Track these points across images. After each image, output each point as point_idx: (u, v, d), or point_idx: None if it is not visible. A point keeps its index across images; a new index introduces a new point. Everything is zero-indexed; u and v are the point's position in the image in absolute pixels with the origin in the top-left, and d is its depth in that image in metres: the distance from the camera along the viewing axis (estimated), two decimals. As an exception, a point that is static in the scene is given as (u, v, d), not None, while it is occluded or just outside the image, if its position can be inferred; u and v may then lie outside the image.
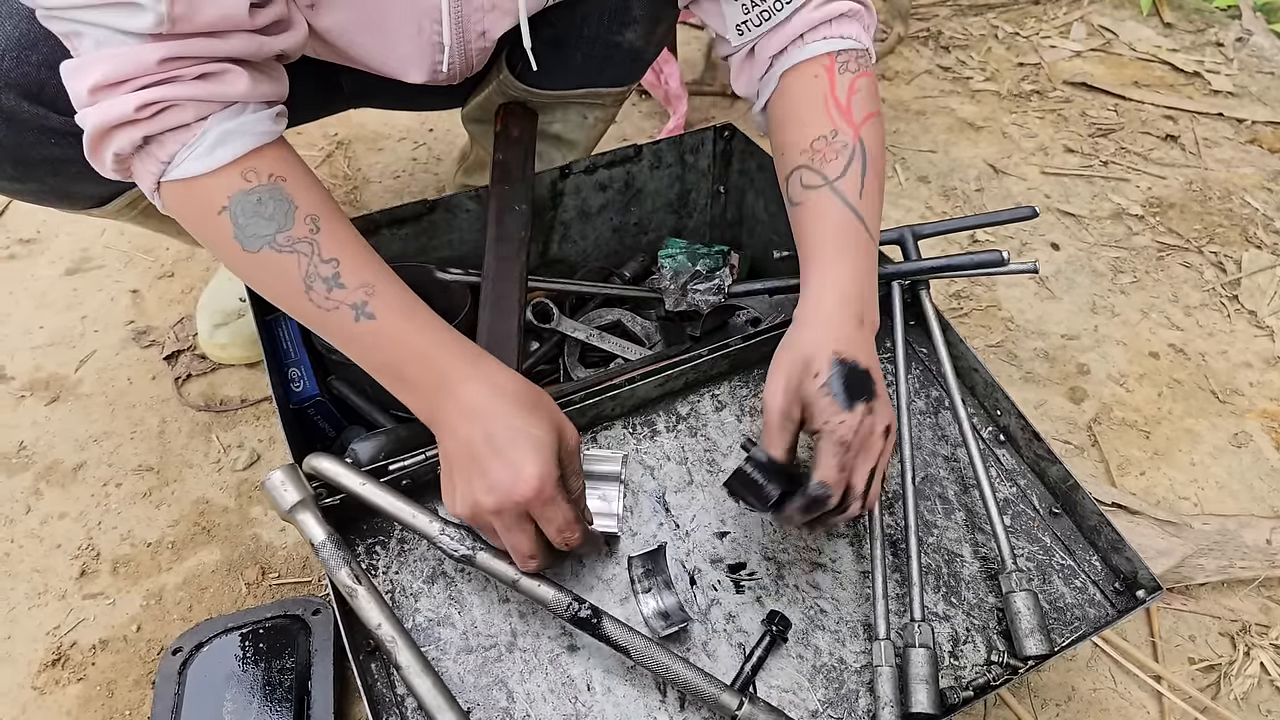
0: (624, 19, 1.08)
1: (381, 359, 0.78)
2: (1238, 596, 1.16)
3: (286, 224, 0.74)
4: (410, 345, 0.78)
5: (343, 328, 0.77)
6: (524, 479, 0.72)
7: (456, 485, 0.76)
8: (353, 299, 0.76)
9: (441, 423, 0.77)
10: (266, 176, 0.74)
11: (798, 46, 0.93)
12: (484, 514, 0.75)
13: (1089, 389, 1.41)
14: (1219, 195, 1.83)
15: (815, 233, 0.88)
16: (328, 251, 0.75)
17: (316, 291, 0.75)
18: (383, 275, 0.78)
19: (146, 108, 0.69)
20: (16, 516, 1.19)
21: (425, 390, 0.78)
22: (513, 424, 0.75)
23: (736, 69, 1.01)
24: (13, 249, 1.61)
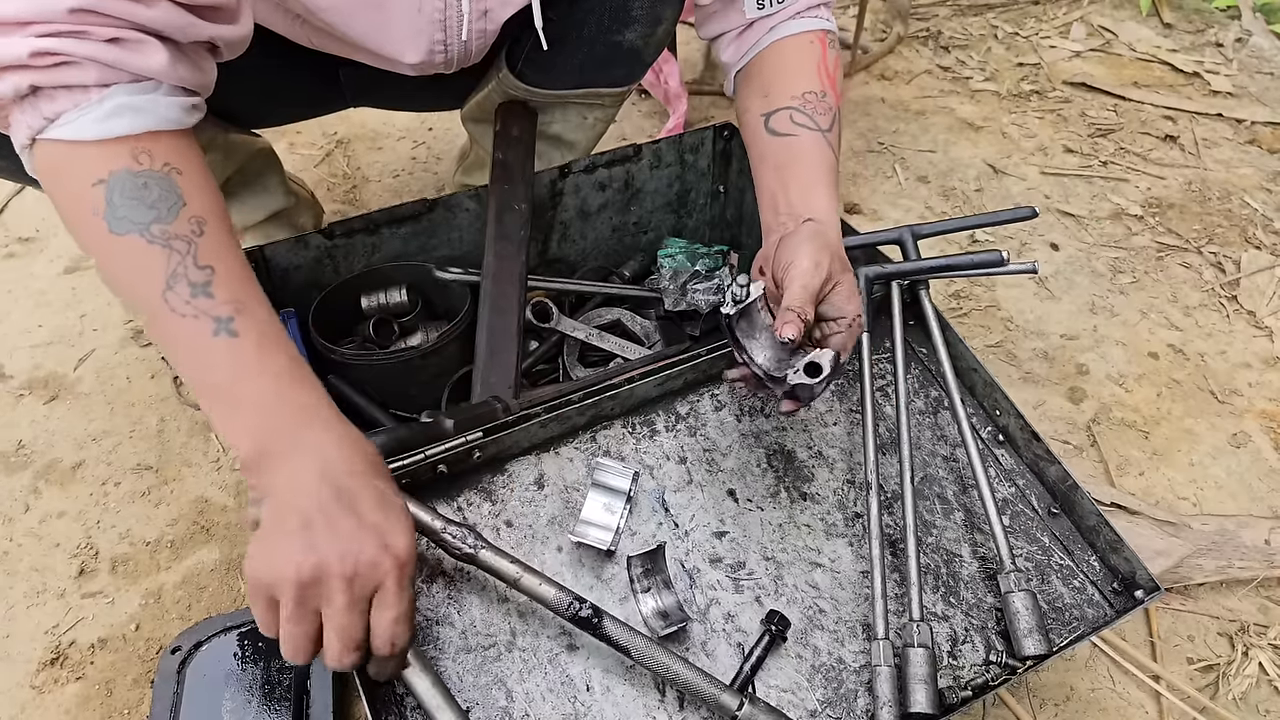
0: (624, 19, 1.08)
1: (224, 379, 0.69)
2: (1236, 596, 1.16)
3: (168, 218, 0.68)
4: (269, 376, 0.69)
5: (195, 338, 0.68)
6: (394, 547, 0.64)
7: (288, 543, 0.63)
8: (219, 311, 0.68)
9: (280, 469, 0.67)
10: (161, 164, 0.68)
11: (796, 20, 1.04)
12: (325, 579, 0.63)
13: (1088, 389, 1.41)
14: (1218, 196, 1.83)
15: (814, 164, 0.96)
16: (204, 258, 0.68)
17: (177, 294, 0.67)
18: (257, 299, 0.71)
19: (43, 56, 0.64)
20: (15, 515, 1.19)
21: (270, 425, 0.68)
22: (379, 489, 0.68)
23: (728, 40, 1.09)
24: (11, 247, 1.61)
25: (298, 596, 0.63)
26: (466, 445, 0.91)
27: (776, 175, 0.97)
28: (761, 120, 1.00)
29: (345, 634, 0.64)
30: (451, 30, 1.00)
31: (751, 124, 1.03)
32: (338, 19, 0.94)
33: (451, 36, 1.01)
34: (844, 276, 0.85)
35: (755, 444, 1.00)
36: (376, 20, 0.96)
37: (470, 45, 1.04)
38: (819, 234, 0.87)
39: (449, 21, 0.99)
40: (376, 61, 1.04)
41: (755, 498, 0.96)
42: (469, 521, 0.90)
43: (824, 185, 0.95)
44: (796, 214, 0.92)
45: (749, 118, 1.04)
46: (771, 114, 1.00)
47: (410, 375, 1.13)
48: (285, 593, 0.63)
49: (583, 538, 0.87)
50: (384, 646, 0.66)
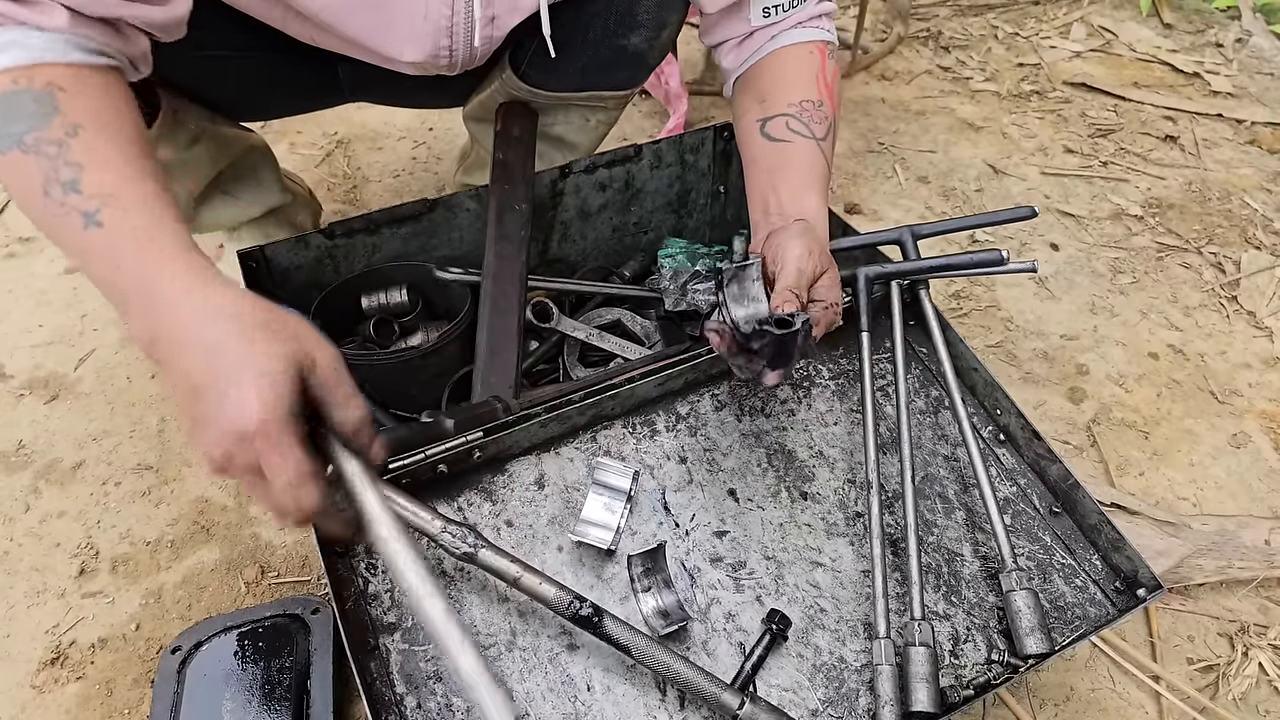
0: (629, 23, 1.08)
1: (104, 275, 0.68)
2: (1236, 597, 1.16)
3: (39, 125, 0.68)
4: (133, 258, 0.67)
5: (71, 237, 0.68)
6: (240, 417, 0.60)
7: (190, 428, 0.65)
8: (86, 206, 0.67)
9: (161, 351, 0.66)
10: (42, 83, 0.69)
11: (797, 29, 1.05)
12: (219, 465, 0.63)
13: (1088, 389, 1.41)
14: (1218, 196, 1.83)
15: (806, 170, 0.98)
16: (74, 156, 0.68)
17: (52, 196, 0.68)
18: (132, 190, 0.69)
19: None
20: (16, 515, 1.19)
21: (143, 313, 0.67)
22: (231, 349, 0.63)
23: (730, 47, 1.10)
24: (12, 247, 1.61)
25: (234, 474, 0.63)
26: (467, 445, 0.91)
27: (768, 178, 0.99)
28: (757, 125, 1.01)
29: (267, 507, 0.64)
30: (458, 36, 1.00)
31: (747, 128, 1.04)
32: (337, 20, 0.94)
33: (458, 42, 1.01)
34: (830, 269, 0.89)
35: (756, 444, 1.00)
36: (379, 23, 0.96)
37: (476, 51, 1.04)
38: (809, 230, 0.89)
39: (455, 28, 0.99)
40: (377, 60, 1.04)
41: (756, 497, 0.96)
42: (469, 521, 0.90)
43: (815, 191, 0.96)
44: (786, 214, 0.94)
45: (745, 122, 1.05)
46: (768, 120, 1.01)
47: (411, 375, 1.13)
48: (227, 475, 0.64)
49: (583, 537, 0.87)
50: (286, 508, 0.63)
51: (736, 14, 1.06)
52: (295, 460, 0.62)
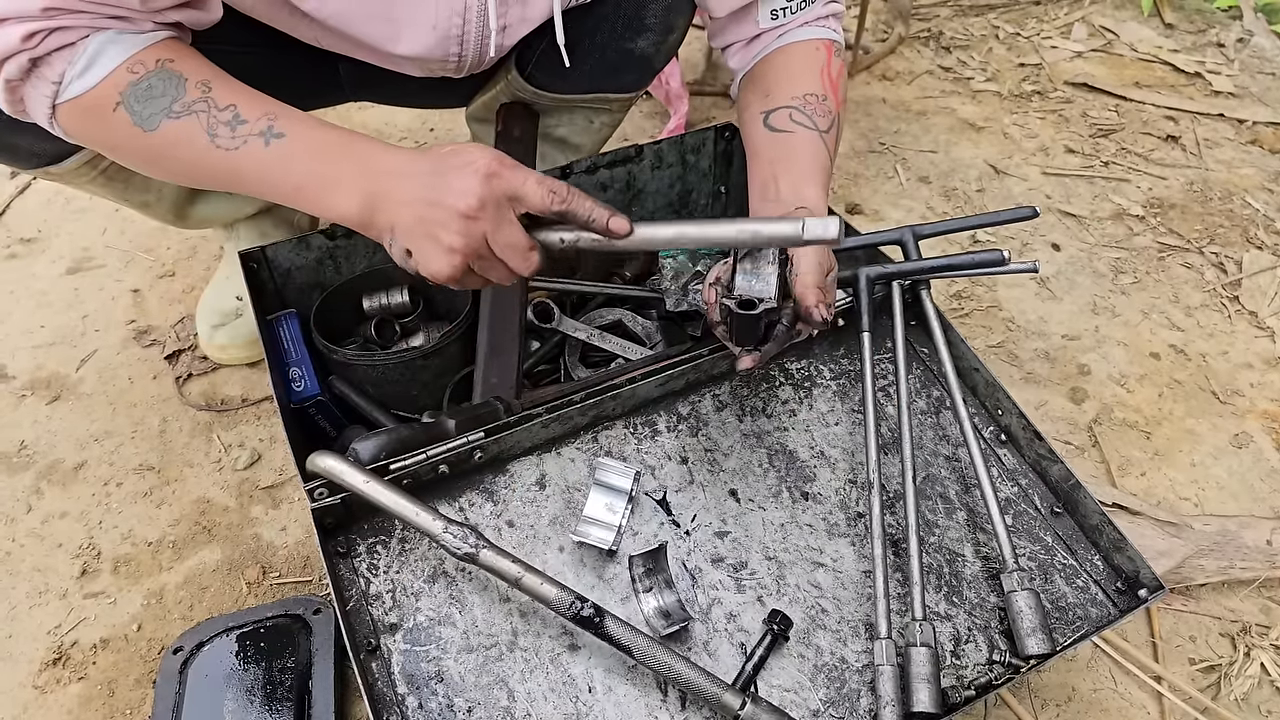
0: (637, 27, 1.08)
1: (300, 173, 0.78)
2: (1238, 597, 1.16)
3: (180, 93, 0.76)
4: (327, 142, 0.78)
5: (257, 160, 0.77)
6: (480, 162, 0.73)
7: (432, 233, 0.75)
8: (259, 127, 0.77)
9: (383, 203, 0.76)
10: (154, 63, 0.76)
11: (803, 28, 1.06)
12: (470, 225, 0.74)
13: (1090, 389, 1.41)
14: (1220, 196, 1.83)
15: (808, 160, 0.98)
16: (223, 100, 0.77)
17: (222, 137, 0.76)
18: (280, 106, 0.79)
19: (32, 37, 0.72)
20: (18, 515, 1.19)
21: (355, 180, 0.77)
22: (447, 150, 0.76)
23: (737, 48, 1.11)
24: (14, 248, 1.61)
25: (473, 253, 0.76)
26: (468, 446, 0.91)
27: (770, 168, 0.98)
28: (760, 117, 1.02)
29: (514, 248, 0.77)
30: (468, 44, 1.01)
31: (750, 121, 1.04)
32: (347, 27, 0.94)
33: (468, 49, 1.01)
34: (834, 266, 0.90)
35: (757, 444, 1.00)
36: (388, 31, 0.96)
37: (486, 57, 1.05)
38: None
39: (466, 37, 0.99)
40: (383, 62, 1.05)
41: (757, 497, 0.96)
42: (471, 522, 0.90)
43: (816, 181, 0.96)
44: (786, 204, 0.94)
45: (749, 114, 1.05)
46: (771, 112, 1.01)
47: (412, 376, 1.13)
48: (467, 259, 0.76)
49: (584, 537, 0.87)
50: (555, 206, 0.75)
51: (745, 17, 1.06)
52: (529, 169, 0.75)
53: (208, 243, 1.60)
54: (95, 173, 1.07)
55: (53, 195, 1.72)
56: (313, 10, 0.92)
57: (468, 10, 0.96)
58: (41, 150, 1.00)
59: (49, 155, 1.01)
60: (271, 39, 1.01)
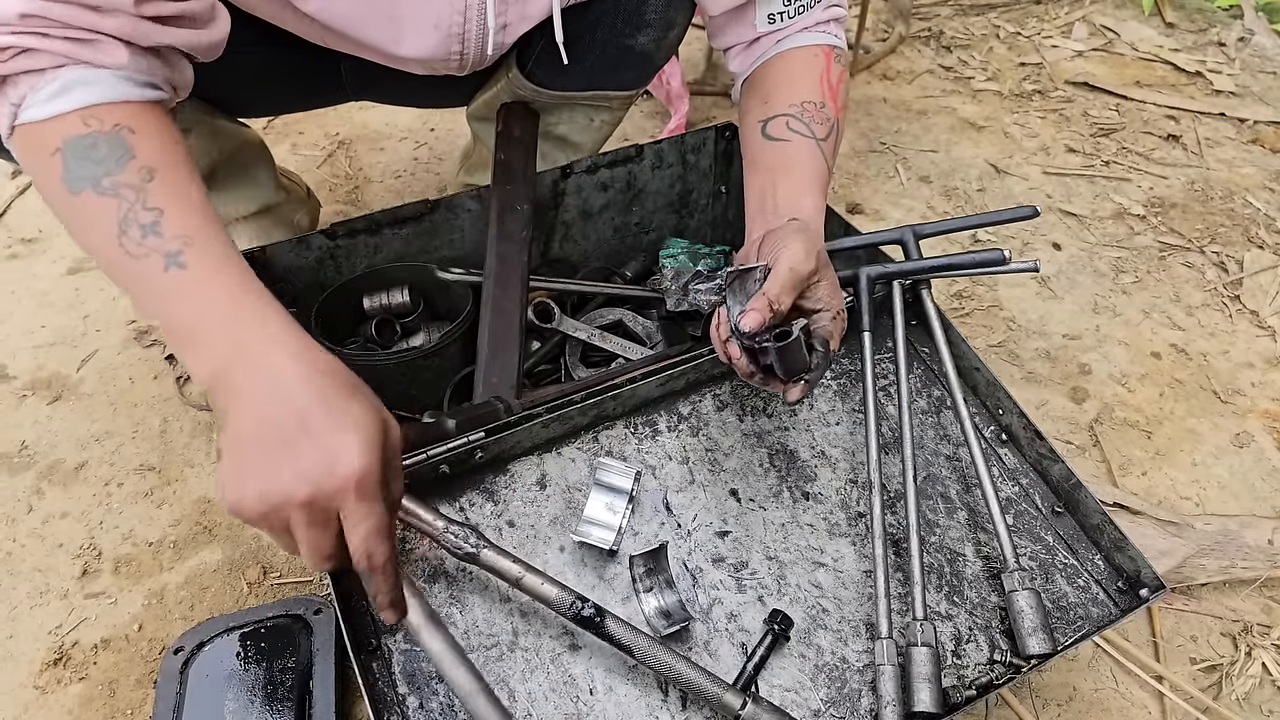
0: (637, 23, 1.08)
1: (179, 314, 0.69)
2: (1239, 597, 1.16)
3: (115, 169, 0.69)
4: (219, 300, 0.69)
5: (149, 278, 0.69)
6: (344, 465, 0.62)
7: (250, 470, 0.64)
8: (167, 247, 0.68)
9: (238, 393, 0.66)
10: (111, 125, 0.70)
11: (804, 34, 1.05)
12: (286, 507, 0.63)
13: (1091, 389, 1.41)
14: (1221, 195, 1.83)
15: (804, 169, 0.97)
16: (153, 201, 0.70)
17: (130, 238, 0.69)
18: (210, 234, 0.71)
19: (3, 51, 0.68)
20: (18, 516, 1.19)
21: (220, 351, 0.67)
22: (333, 403, 0.64)
23: (737, 51, 1.09)
24: (15, 248, 1.61)
25: (263, 525, 0.65)
26: (469, 445, 0.91)
27: (767, 177, 0.98)
28: (758, 126, 1.01)
29: (316, 549, 0.65)
30: (469, 42, 1.01)
31: (748, 129, 1.03)
32: (351, 28, 0.94)
33: (469, 47, 1.01)
34: (826, 272, 0.85)
35: (758, 444, 1.00)
36: (391, 32, 0.96)
37: (486, 55, 1.05)
38: (804, 229, 0.87)
39: (468, 35, 0.99)
40: (386, 61, 1.05)
41: (758, 497, 0.96)
42: (471, 521, 0.90)
43: (812, 191, 0.95)
44: (781, 214, 0.93)
45: (747, 123, 1.04)
46: (769, 120, 1.00)
47: (412, 376, 1.13)
48: (254, 523, 0.65)
49: (585, 537, 0.87)
50: (360, 560, 0.66)
51: (741, 18, 1.06)
52: (379, 516, 0.64)
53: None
54: None
55: (53, 195, 1.71)
56: (315, 12, 0.92)
57: (468, 9, 0.96)
58: None
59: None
60: (274, 38, 1.01)
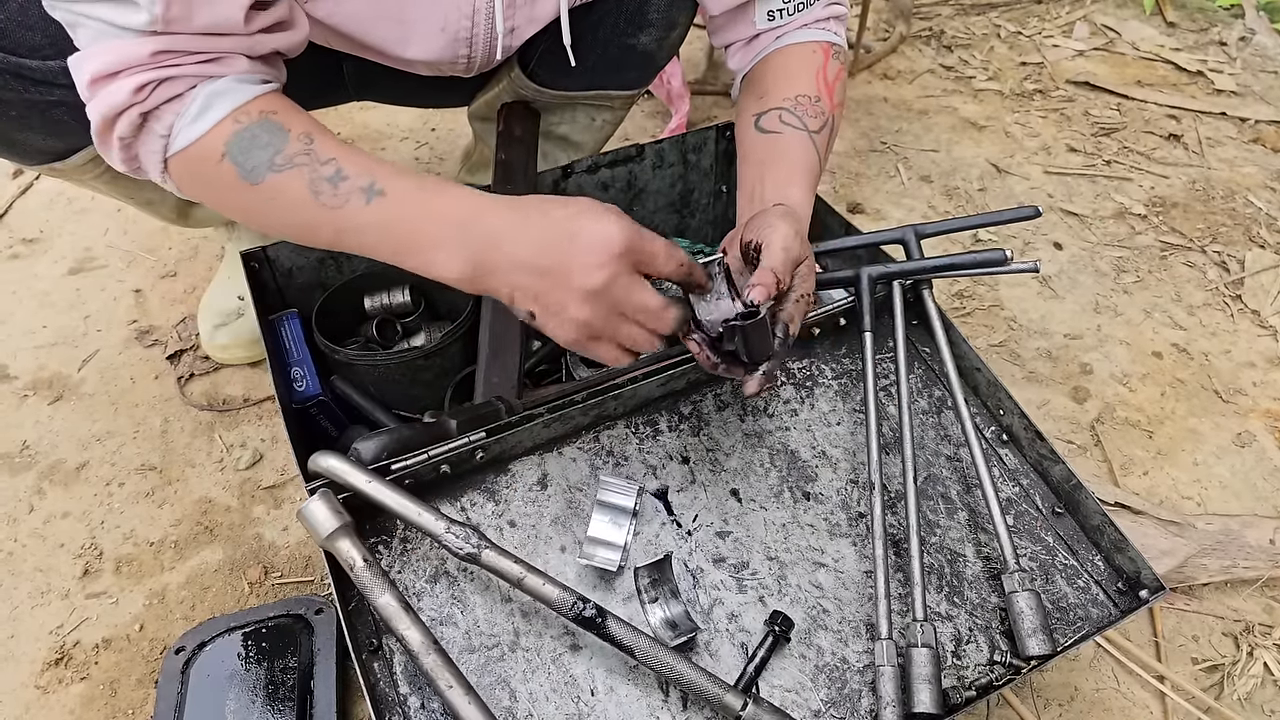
0: (640, 22, 1.08)
1: (407, 234, 0.76)
2: (1241, 596, 1.16)
3: (283, 145, 0.75)
4: (429, 200, 0.75)
5: (359, 217, 0.76)
6: (613, 232, 0.70)
7: (557, 303, 0.72)
8: (360, 183, 0.75)
9: (496, 266, 0.73)
10: (256, 114, 0.76)
11: (803, 30, 1.05)
12: (601, 299, 0.71)
13: (1092, 389, 1.41)
14: (1222, 195, 1.83)
15: (794, 161, 0.97)
16: (325, 154, 0.76)
17: (324, 194, 0.75)
18: (381, 161, 0.78)
19: (142, 89, 0.72)
20: (20, 516, 1.19)
21: (467, 245, 0.74)
22: (562, 211, 0.72)
23: (737, 49, 1.10)
24: (16, 248, 1.61)
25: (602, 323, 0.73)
26: (469, 446, 0.91)
27: (757, 169, 0.98)
28: (752, 119, 1.02)
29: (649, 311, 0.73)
30: (477, 45, 1.01)
31: (743, 123, 1.04)
32: (358, 30, 0.94)
33: (476, 51, 1.01)
34: (808, 257, 0.86)
35: (758, 444, 1.00)
36: (398, 34, 0.96)
37: (494, 58, 1.05)
38: (791, 213, 0.87)
39: (475, 39, 1.00)
40: (392, 63, 1.05)
41: (759, 497, 0.96)
42: (472, 522, 0.90)
43: (800, 182, 0.95)
44: (769, 202, 0.93)
45: (743, 118, 1.05)
46: (762, 114, 1.01)
47: (413, 376, 1.13)
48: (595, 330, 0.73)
49: (590, 559, 0.86)
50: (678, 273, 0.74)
51: (741, 16, 1.06)
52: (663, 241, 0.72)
53: (209, 243, 1.61)
54: (100, 170, 1.07)
55: (55, 195, 1.72)
56: (325, 16, 0.92)
57: (476, 13, 0.96)
58: (49, 147, 1.00)
59: (56, 152, 1.01)
60: None
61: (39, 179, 1.74)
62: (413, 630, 0.77)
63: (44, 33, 0.85)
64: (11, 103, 0.89)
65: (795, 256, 0.82)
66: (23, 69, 0.86)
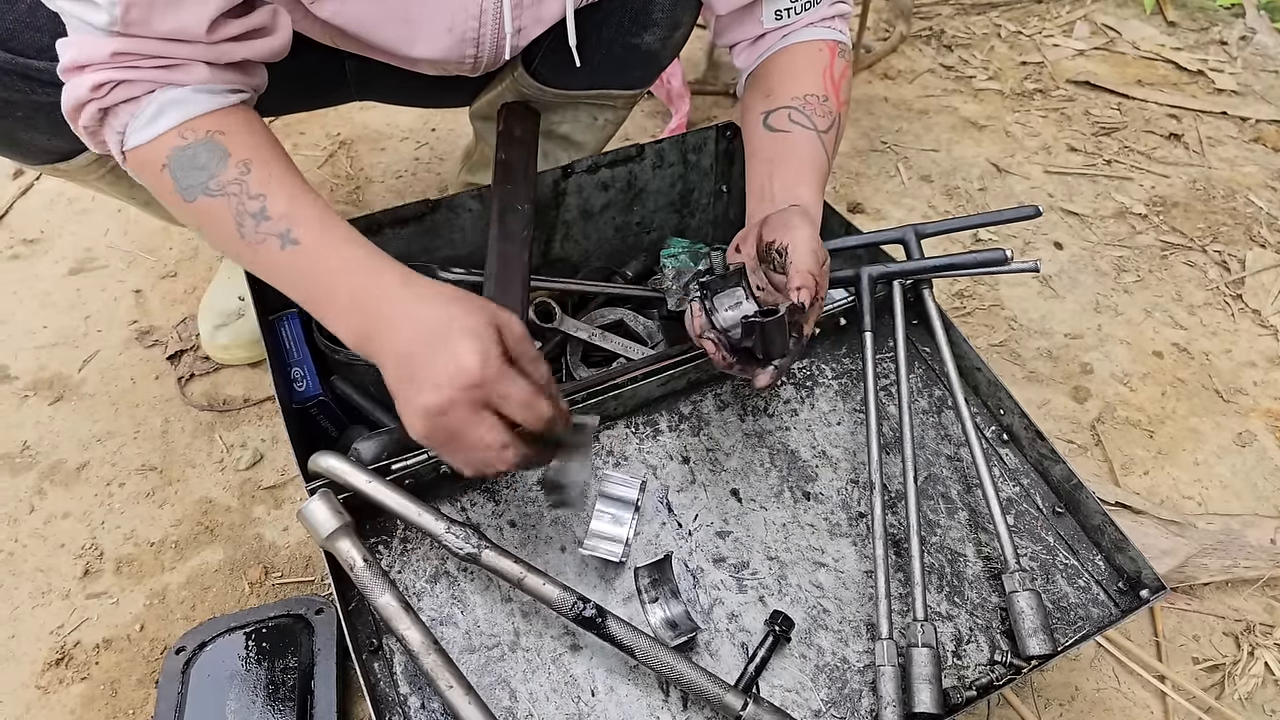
0: (644, 22, 1.08)
1: (311, 287, 0.78)
2: (1242, 596, 1.16)
3: (218, 170, 0.76)
4: (335, 268, 0.76)
5: (273, 260, 0.77)
6: (463, 361, 0.69)
7: (408, 402, 0.72)
8: (278, 228, 0.76)
9: (378, 347, 0.74)
10: (203, 133, 0.77)
11: (809, 29, 1.05)
12: (438, 419, 0.70)
13: (1092, 388, 1.41)
14: (1223, 194, 1.83)
15: (804, 160, 0.97)
16: (255, 189, 0.76)
17: (246, 228, 0.76)
18: (310, 205, 0.78)
19: (101, 87, 0.74)
20: (20, 516, 1.20)
21: (355, 314, 0.75)
22: (440, 319, 0.72)
23: (743, 48, 1.10)
24: (16, 249, 1.61)
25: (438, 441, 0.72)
26: (470, 445, 0.90)
27: (766, 168, 0.99)
28: (760, 118, 1.02)
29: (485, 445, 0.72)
30: (484, 46, 1.00)
31: (751, 122, 1.04)
32: (364, 31, 0.94)
33: (483, 51, 1.01)
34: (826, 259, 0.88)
35: (759, 443, 1.00)
36: (405, 35, 0.96)
37: (500, 59, 1.05)
38: (807, 214, 0.89)
39: (482, 40, 0.99)
40: (397, 63, 1.05)
41: (759, 497, 0.96)
42: (472, 521, 0.90)
43: (810, 181, 0.96)
44: (779, 202, 0.94)
45: (750, 116, 1.05)
46: (771, 112, 1.01)
47: (413, 375, 1.13)
48: (430, 442, 0.73)
49: (593, 551, 0.87)
50: (533, 425, 0.72)
51: (748, 16, 1.06)
52: (520, 384, 0.71)
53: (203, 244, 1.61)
54: (104, 170, 1.07)
55: (55, 196, 1.72)
56: (330, 16, 0.91)
57: (483, 14, 0.96)
58: (53, 147, 1.00)
59: (59, 152, 1.01)
60: None
61: (39, 179, 1.74)
62: (413, 630, 0.77)
63: (51, 34, 0.85)
64: (18, 103, 0.89)
65: (822, 258, 0.85)
66: (30, 70, 0.87)
